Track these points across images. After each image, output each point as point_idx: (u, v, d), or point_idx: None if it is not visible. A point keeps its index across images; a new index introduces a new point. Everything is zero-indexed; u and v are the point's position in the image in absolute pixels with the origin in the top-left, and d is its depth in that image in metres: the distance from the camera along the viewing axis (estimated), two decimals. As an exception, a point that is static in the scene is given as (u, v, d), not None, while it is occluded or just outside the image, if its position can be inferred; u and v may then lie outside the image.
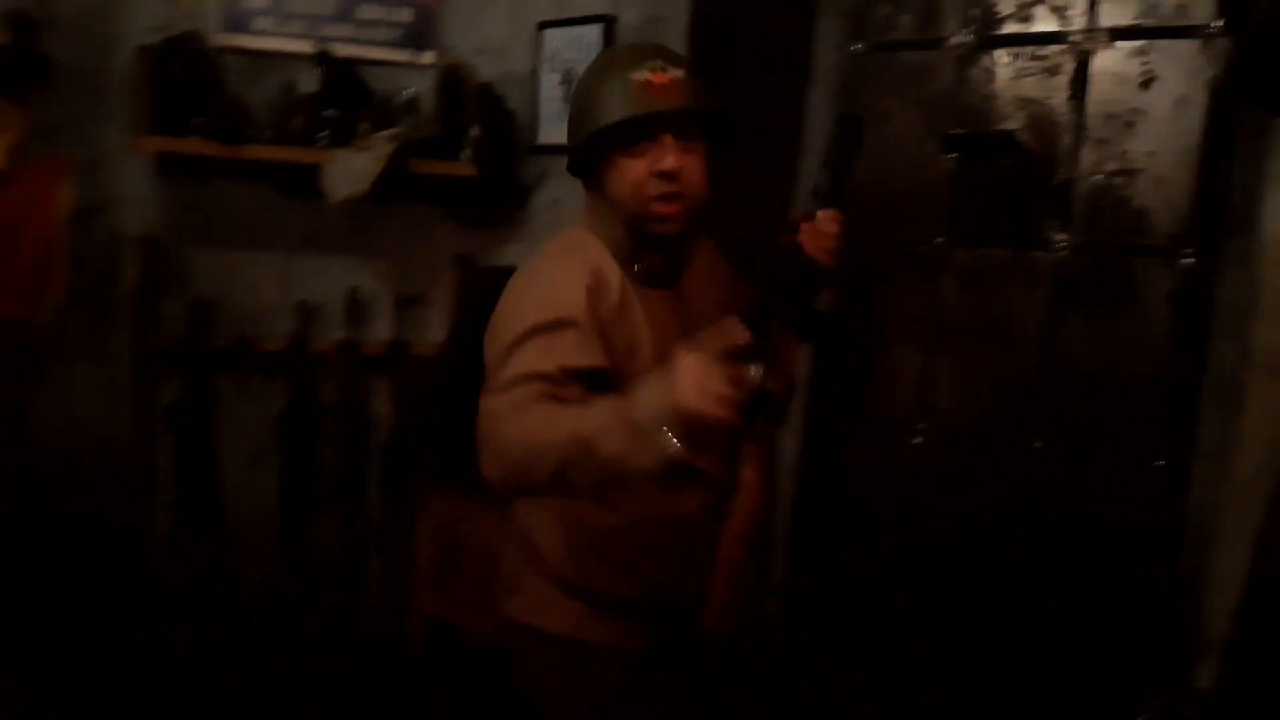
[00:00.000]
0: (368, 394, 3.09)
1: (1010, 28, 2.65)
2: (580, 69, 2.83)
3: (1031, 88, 2.62)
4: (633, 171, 1.45)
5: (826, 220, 1.66)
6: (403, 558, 2.64)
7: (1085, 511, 2.57)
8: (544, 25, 2.90)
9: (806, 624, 2.83)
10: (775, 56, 2.86)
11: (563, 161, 2.82)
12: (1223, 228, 2.39)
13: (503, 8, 3.01)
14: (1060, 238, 2.57)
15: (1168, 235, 2.45)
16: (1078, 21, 2.55)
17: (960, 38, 2.72)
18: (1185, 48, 2.40)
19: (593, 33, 2.75)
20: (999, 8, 2.67)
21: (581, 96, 1.50)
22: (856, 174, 1.95)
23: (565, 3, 2.86)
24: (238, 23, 3.00)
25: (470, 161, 2.83)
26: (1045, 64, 2.60)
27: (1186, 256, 2.42)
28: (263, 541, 2.98)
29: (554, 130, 2.87)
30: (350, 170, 2.71)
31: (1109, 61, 2.51)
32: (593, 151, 1.48)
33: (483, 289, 2.66)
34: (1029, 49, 2.62)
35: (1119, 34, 2.49)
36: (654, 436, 1.12)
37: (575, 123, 1.50)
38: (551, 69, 2.88)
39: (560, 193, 2.85)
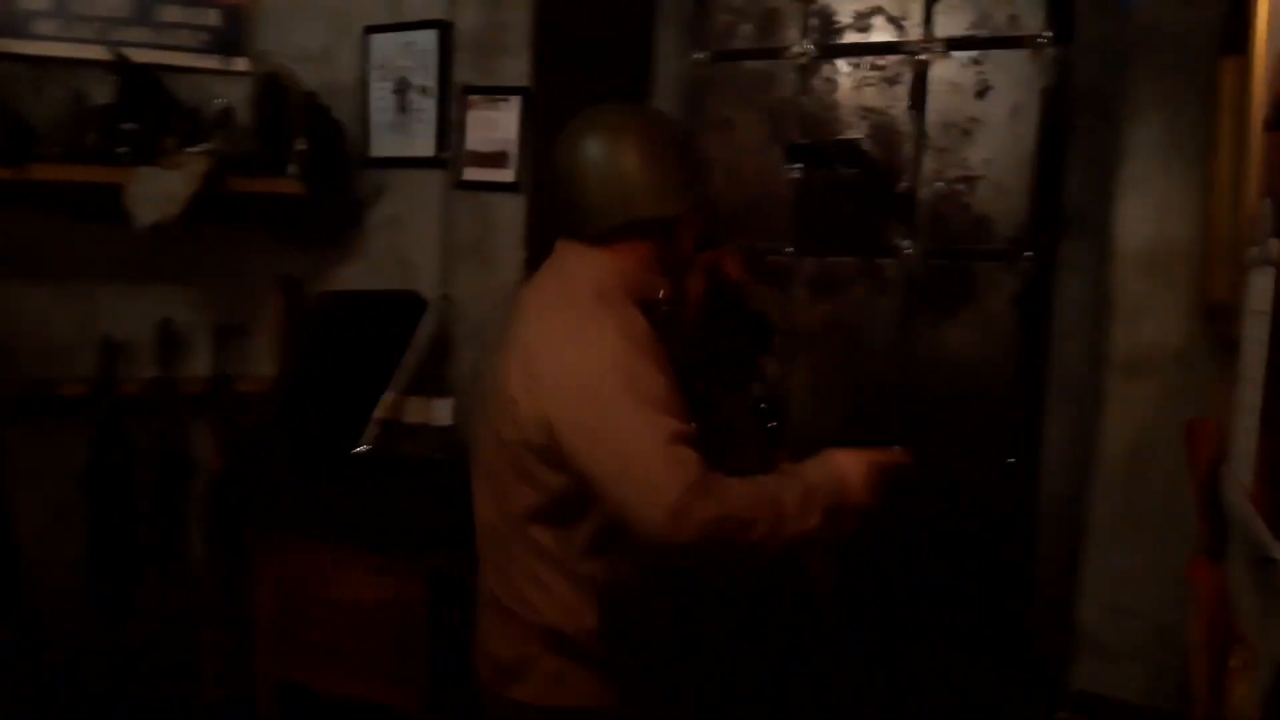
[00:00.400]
0: (187, 437, 2.79)
1: (850, 37, 2.68)
2: (415, 77, 2.69)
3: (873, 97, 2.65)
4: (700, 224, 1.55)
5: (731, 247, 1.93)
6: (240, 618, 2.40)
7: (944, 513, 2.61)
8: (371, 30, 2.71)
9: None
10: (616, 64, 2.78)
11: (400, 175, 2.69)
12: (1061, 231, 2.48)
13: (323, 12, 2.79)
14: (906, 244, 2.61)
15: (1008, 239, 2.53)
16: (914, 32, 2.60)
17: (800, 47, 2.72)
18: (1017, 58, 2.48)
19: (427, 39, 2.58)
20: (838, 17, 2.69)
21: (687, 152, 1.55)
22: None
23: (395, 7, 2.68)
24: (14, 26, 2.65)
25: (296, 178, 2.60)
26: (885, 74, 2.64)
27: (1027, 260, 2.50)
28: (72, 609, 2.64)
29: (387, 142, 2.68)
30: (159, 190, 2.43)
31: (946, 71, 2.57)
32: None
33: (321, 314, 2.45)
34: (868, 59, 2.65)
35: (954, 44, 2.54)
36: (840, 519, 1.39)
37: (685, 176, 1.51)
38: (382, 77, 2.69)
39: (397, 208, 2.66)
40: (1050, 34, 2.43)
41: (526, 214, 2.47)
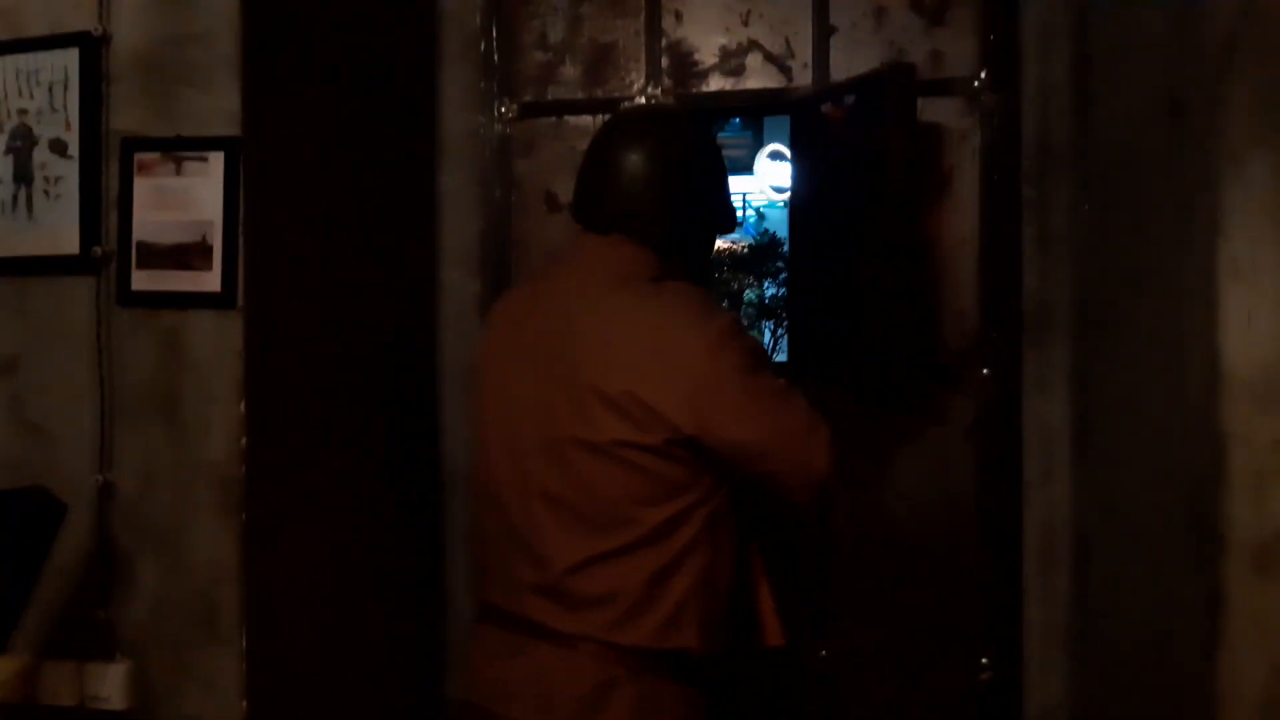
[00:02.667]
0: None
1: (715, 83, 1.96)
2: (43, 125, 1.57)
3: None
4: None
5: None
6: None
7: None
8: (-29, 57, 1.65)
9: None
10: (382, 105, 1.88)
11: (22, 286, 1.57)
12: (1023, 336, 1.82)
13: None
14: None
15: (955, 353, 1.84)
16: (802, 75, 1.92)
17: (647, 96, 1.96)
18: (945, 108, 1.84)
19: (64, 59, 1.55)
20: (698, 56, 1.96)
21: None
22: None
23: (5, 15, 1.64)
24: None
25: None
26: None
27: (983, 378, 1.82)
28: None
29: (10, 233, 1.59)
30: None
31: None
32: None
33: None
34: (740, 110, 1.93)
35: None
36: None
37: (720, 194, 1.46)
38: (-11, 129, 1.62)
39: (17, 342, 1.56)
40: (986, 77, 1.81)
41: (245, 342, 1.47)
